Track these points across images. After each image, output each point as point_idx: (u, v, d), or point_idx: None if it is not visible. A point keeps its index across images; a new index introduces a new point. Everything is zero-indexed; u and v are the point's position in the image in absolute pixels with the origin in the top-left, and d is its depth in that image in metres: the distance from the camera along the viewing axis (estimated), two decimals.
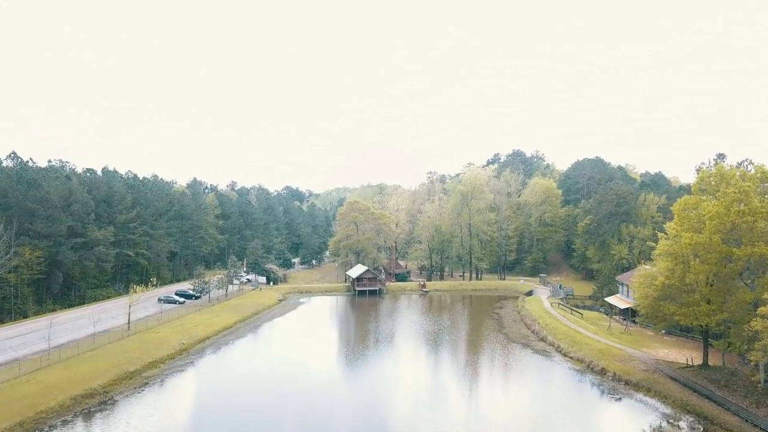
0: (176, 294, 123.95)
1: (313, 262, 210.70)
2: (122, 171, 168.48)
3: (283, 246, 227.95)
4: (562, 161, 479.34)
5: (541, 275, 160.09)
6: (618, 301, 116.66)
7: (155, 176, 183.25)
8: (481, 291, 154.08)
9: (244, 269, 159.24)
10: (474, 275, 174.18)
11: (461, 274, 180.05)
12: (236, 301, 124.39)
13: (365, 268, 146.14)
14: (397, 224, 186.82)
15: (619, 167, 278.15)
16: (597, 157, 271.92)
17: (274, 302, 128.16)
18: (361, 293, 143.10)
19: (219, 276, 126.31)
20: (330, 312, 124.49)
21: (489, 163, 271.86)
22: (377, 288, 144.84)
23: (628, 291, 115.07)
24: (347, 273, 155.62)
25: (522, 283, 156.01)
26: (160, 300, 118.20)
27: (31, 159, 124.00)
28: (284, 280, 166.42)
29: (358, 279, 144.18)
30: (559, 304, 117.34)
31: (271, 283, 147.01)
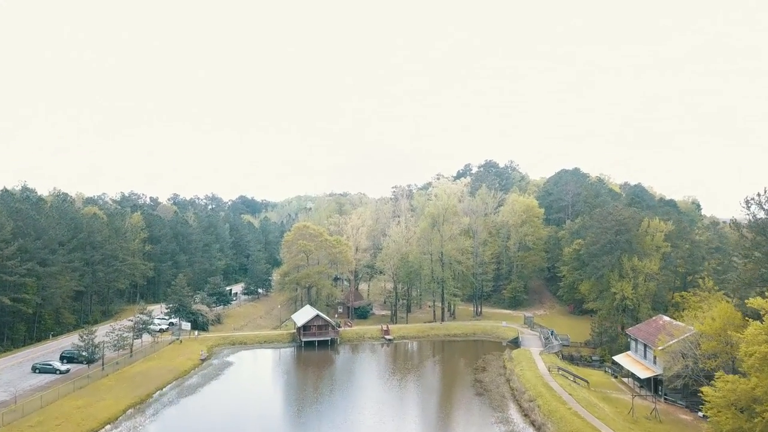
0: (61, 357, 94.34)
1: (260, 291, 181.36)
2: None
3: (220, 274, 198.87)
4: (536, 171, 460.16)
5: (527, 316, 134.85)
6: (633, 364, 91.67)
7: (59, 194, 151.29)
8: (455, 337, 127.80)
9: (163, 312, 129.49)
10: (447, 310, 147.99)
11: (431, 303, 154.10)
12: (141, 365, 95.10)
13: (314, 312, 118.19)
14: (357, 248, 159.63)
15: (598, 178, 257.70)
16: (576, 168, 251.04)
17: (194, 364, 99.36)
18: (309, 345, 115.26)
19: (121, 326, 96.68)
20: (263, 380, 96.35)
21: (460, 175, 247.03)
22: (329, 338, 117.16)
23: (645, 350, 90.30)
24: (293, 317, 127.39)
25: (504, 326, 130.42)
26: (34, 368, 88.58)
27: None
28: (218, 321, 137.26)
29: (305, 327, 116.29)
30: (558, 369, 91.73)
31: (196, 333, 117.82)
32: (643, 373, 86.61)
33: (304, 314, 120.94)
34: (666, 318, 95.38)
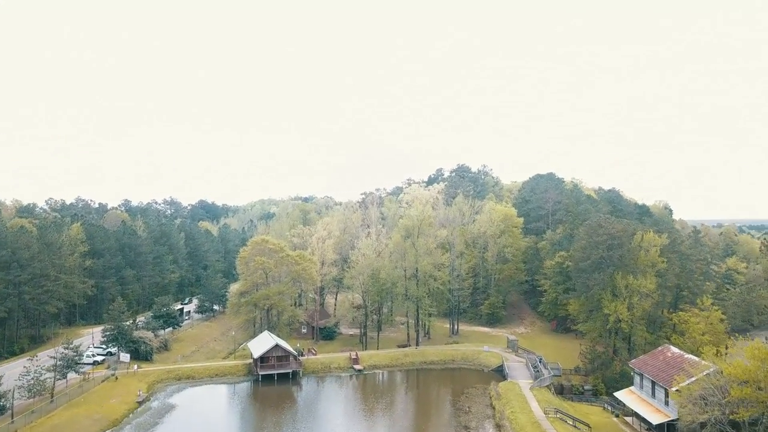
0: None
1: (216, 308, 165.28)
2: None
3: (173, 288, 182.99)
4: (507, 176, 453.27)
5: (510, 339, 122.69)
6: (639, 403, 80.00)
7: None
8: (433, 365, 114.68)
9: (98, 341, 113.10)
10: (423, 331, 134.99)
11: (404, 320, 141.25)
12: (63, 414, 79.23)
13: (273, 342, 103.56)
14: (323, 263, 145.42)
15: (573, 184, 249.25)
16: (551, 173, 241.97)
17: (129, 409, 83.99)
18: (268, 378, 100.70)
19: (37, 367, 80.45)
20: (212, 428, 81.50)
21: (432, 180, 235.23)
22: (290, 370, 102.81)
23: (654, 388, 78.82)
24: (248, 346, 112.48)
25: (486, 351, 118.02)
26: None
27: None
28: (165, 348, 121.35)
29: (263, 359, 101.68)
30: (556, 412, 79.38)
31: (135, 366, 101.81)
32: (654, 417, 74.84)
33: (262, 343, 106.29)
34: (674, 349, 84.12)
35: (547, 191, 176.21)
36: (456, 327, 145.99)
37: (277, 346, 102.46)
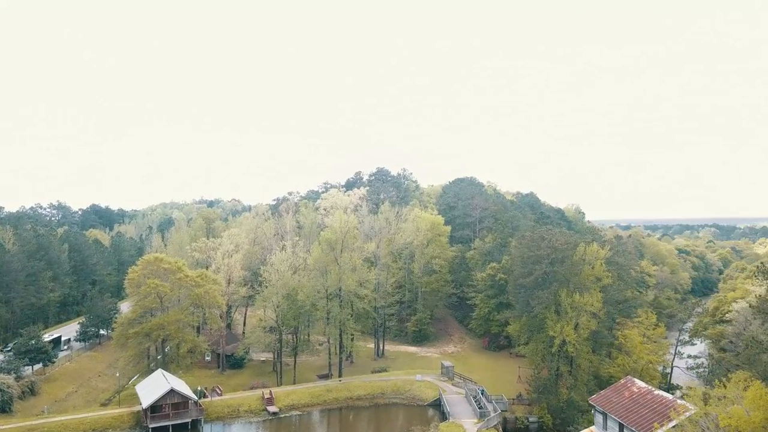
0: None
1: (103, 332, 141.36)
2: None
3: (54, 309, 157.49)
4: (425, 179, 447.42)
5: (445, 365, 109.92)
6: None
7: None
8: (360, 400, 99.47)
9: None
10: (345, 356, 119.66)
11: (323, 340, 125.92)
12: None
13: (167, 386, 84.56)
14: (229, 281, 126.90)
15: (492, 188, 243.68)
16: (472, 177, 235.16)
17: None
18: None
19: None
20: None
21: (350, 184, 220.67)
22: (189, 419, 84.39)
23: (621, 430, 68.40)
24: (137, 390, 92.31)
25: (419, 380, 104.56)
26: None
27: None
28: (31, 392, 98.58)
29: (155, 408, 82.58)
30: None
31: None
32: None
33: (153, 387, 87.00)
34: (639, 383, 74.36)
35: (473, 197, 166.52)
36: (381, 348, 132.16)
37: (172, 391, 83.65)
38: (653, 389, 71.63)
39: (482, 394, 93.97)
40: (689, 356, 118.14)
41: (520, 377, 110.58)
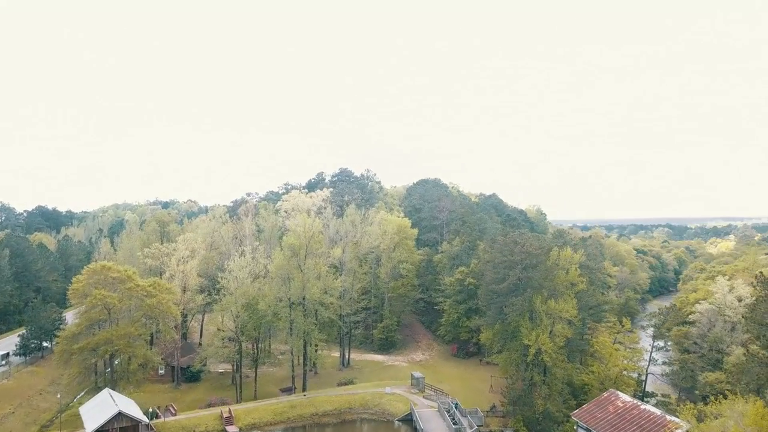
0: None
1: (46, 345, 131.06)
2: None
3: None
4: (388, 180, 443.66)
5: (416, 376, 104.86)
6: None
7: None
8: (326, 416, 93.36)
9: None
10: (309, 368, 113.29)
11: (285, 349, 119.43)
12: None
13: (114, 409, 76.87)
14: (185, 289, 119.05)
15: (457, 190, 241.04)
16: (436, 178, 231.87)
17: None
18: None
19: None
20: None
21: (312, 185, 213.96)
22: None
23: None
24: (81, 413, 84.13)
25: (389, 393, 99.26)
26: None
27: None
28: None
29: None
30: None
31: None
32: None
33: (99, 409, 79.16)
34: (624, 397, 71.03)
35: (440, 199, 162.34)
36: (347, 357, 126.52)
37: (119, 414, 76.08)
38: (639, 403, 68.40)
39: (456, 407, 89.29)
40: (663, 362, 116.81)
41: (492, 387, 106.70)
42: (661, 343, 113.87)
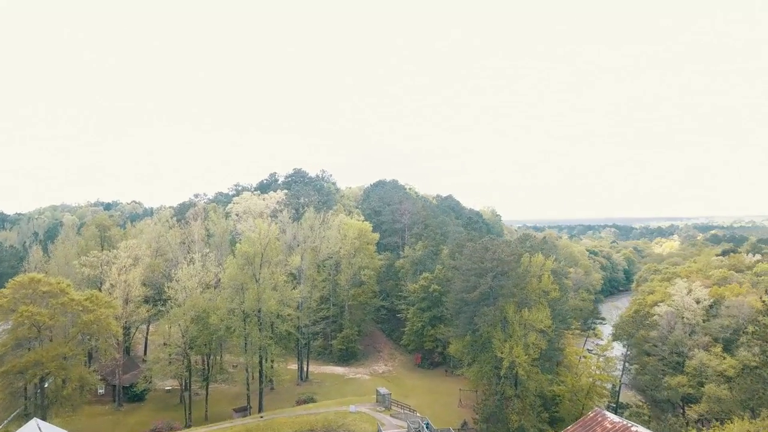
0: None
1: None
2: None
3: None
4: (344, 181, 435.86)
5: (381, 392, 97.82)
6: None
7: None
8: None
9: None
10: (265, 384, 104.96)
11: (238, 363, 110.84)
12: None
13: None
14: (127, 300, 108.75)
15: (415, 192, 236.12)
16: (394, 180, 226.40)
17: None
18: None
19: None
20: None
21: (265, 186, 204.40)
22: None
23: None
24: None
25: (353, 412, 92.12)
26: None
27: None
28: None
29: None
30: None
31: None
32: None
33: None
34: (612, 417, 65.56)
35: (401, 202, 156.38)
36: (306, 370, 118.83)
37: None
38: (629, 424, 63.83)
39: (427, 427, 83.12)
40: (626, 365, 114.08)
41: (462, 401, 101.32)
42: (634, 352, 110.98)
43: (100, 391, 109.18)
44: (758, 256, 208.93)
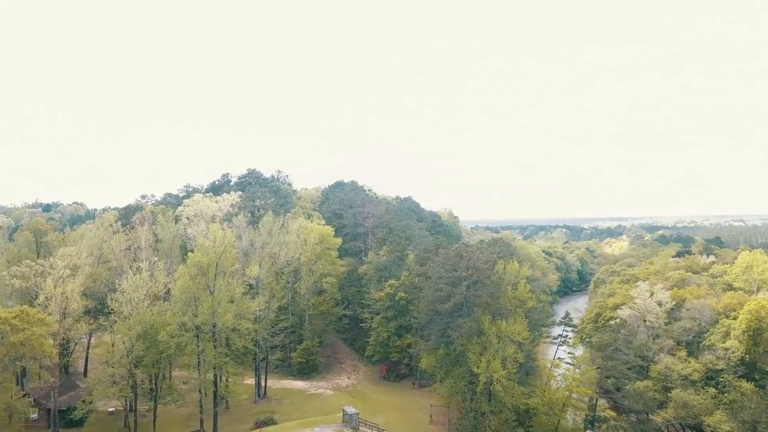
0: None
1: None
2: None
3: None
4: (299, 182, 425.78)
5: (348, 412, 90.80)
6: None
7: None
8: None
9: None
10: (220, 402, 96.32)
11: (189, 380, 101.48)
12: None
13: None
14: (64, 314, 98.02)
15: (374, 194, 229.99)
16: (353, 181, 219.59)
17: None
18: None
19: None
20: None
21: (216, 188, 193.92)
22: None
23: None
24: None
25: None
26: None
27: None
28: None
29: None
30: None
31: None
32: None
33: None
34: None
35: (364, 205, 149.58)
36: (264, 385, 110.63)
37: None
38: None
39: None
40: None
41: (433, 418, 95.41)
42: (612, 363, 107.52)
43: (33, 416, 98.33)
44: (712, 257, 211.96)
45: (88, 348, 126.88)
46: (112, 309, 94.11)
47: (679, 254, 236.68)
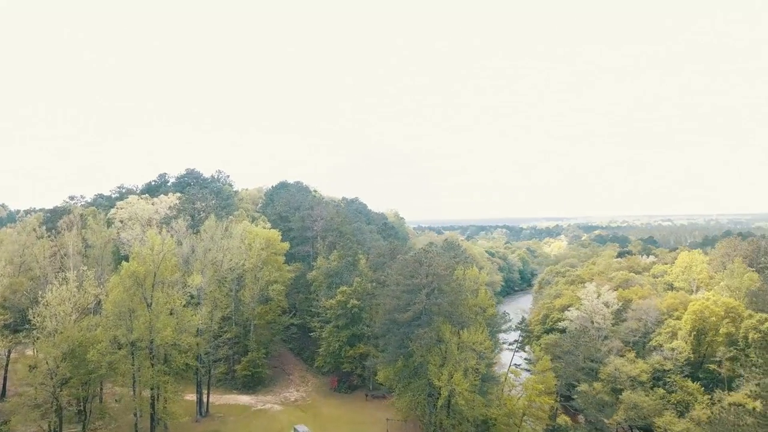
0: None
1: None
2: None
3: None
4: (241, 182, 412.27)
5: (298, 429, 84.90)
6: None
7: None
8: None
9: None
10: (157, 423, 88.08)
11: (121, 397, 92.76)
12: None
13: None
14: None
15: (320, 196, 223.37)
16: (298, 181, 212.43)
17: None
18: None
19: None
20: None
21: (153, 189, 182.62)
22: None
23: None
24: None
25: None
26: None
27: None
28: None
29: None
30: None
31: None
32: None
33: None
34: None
35: (313, 207, 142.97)
36: (206, 402, 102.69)
37: None
38: None
39: None
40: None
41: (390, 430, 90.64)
42: (571, 369, 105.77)
43: None
44: (652, 258, 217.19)
45: (6, 365, 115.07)
46: (34, 324, 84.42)
47: (620, 254, 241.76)
